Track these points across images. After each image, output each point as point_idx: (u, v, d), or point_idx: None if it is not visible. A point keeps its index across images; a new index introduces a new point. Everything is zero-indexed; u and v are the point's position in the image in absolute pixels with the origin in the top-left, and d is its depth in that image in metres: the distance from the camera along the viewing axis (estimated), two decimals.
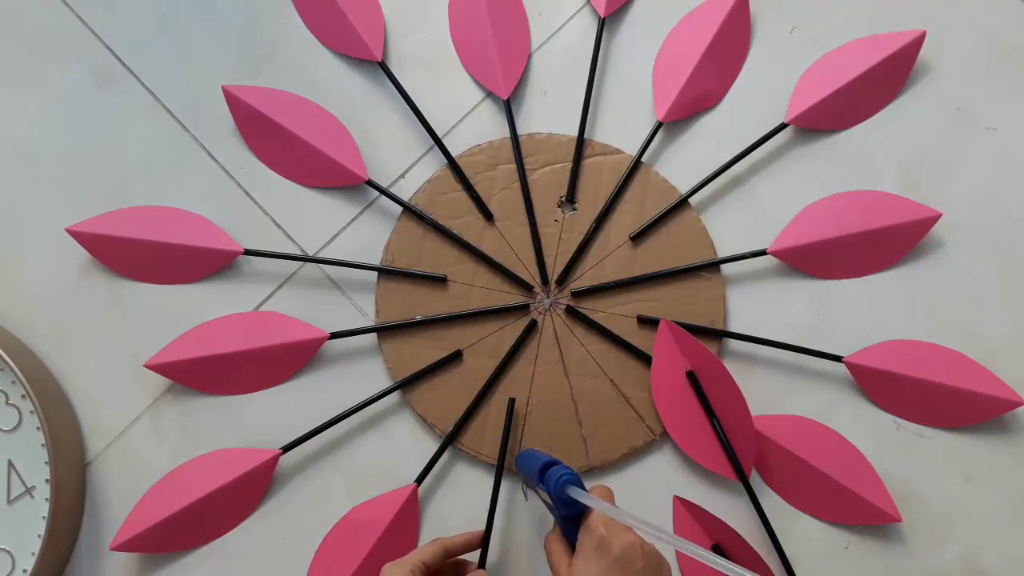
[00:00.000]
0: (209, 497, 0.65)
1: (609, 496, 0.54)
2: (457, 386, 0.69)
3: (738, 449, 0.65)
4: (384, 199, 0.72)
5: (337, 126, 0.73)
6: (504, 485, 0.67)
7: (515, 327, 0.70)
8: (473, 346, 0.70)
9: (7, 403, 0.67)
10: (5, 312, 0.71)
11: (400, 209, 0.72)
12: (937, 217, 0.68)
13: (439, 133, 0.73)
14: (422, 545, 0.60)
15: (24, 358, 0.67)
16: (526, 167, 0.72)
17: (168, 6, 0.76)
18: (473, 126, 0.74)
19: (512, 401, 0.68)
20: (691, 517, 0.66)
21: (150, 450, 0.69)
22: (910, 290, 0.70)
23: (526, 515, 0.68)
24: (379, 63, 0.74)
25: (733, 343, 0.69)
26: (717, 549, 0.65)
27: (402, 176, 0.74)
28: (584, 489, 0.52)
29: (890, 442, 0.67)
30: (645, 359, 0.68)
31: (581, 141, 0.72)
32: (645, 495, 0.67)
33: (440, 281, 0.71)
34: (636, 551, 0.49)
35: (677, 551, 0.64)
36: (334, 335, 0.69)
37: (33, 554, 0.64)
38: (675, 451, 0.68)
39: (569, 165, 0.72)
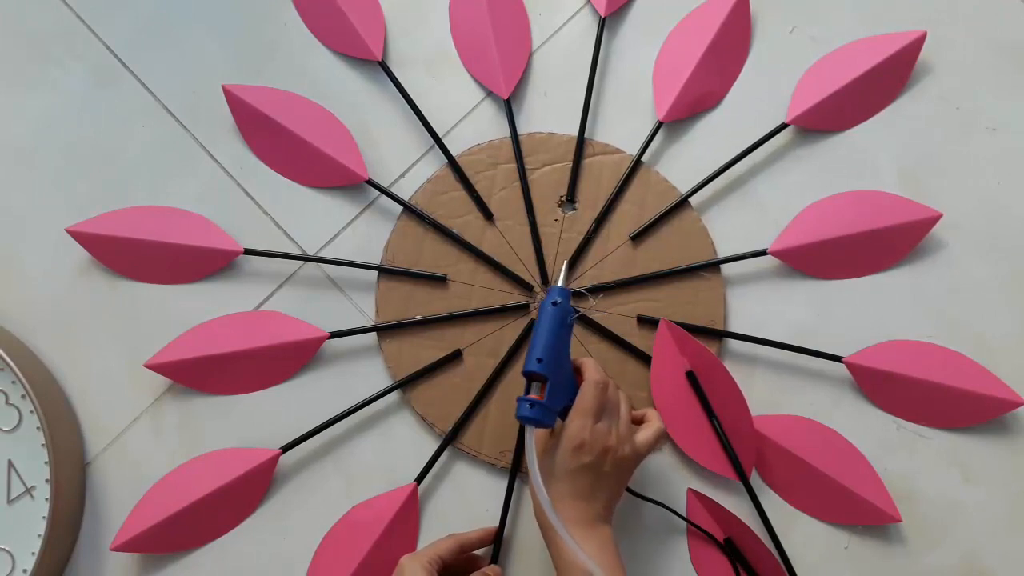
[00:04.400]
0: (209, 497, 0.65)
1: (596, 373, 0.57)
2: (457, 386, 0.69)
3: (738, 449, 0.65)
4: (384, 199, 0.72)
5: (337, 126, 0.73)
6: (516, 483, 0.67)
7: (515, 327, 0.70)
8: (473, 346, 0.70)
9: (7, 403, 0.67)
10: (5, 312, 0.71)
11: (400, 209, 0.72)
12: (937, 217, 0.68)
13: (439, 133, 0.73)
14: (438, 539, 0.61)
15: (24, 358, 0.67)
16: (526, 167, 0.72)
17: (168, 6, 0.76)
18: (473, 126, 0.74)
19: None
20: (704, 510, 0.66)
21: (150, 450, 0.69)
22: (910, 290, 0.70)
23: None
24: (379, 63, 0.74)
25: (733, 343, 0.69)
26: (729, 543, 0.65)
27: (402, 176, 0.73)
28: (547, 422, 0.56)
29: (890, 442, 0.67)
30: (645, 359, 0.68)
31: (581, 141, 0.72)
32: (644, 495, 0.67)
33: (440, 281, 0.71)
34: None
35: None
36: (334, 335, 0.69)
37: (33, 554, 0.64)
38: (675, 451, 0.68)
39: (569, 165, 0.72)
